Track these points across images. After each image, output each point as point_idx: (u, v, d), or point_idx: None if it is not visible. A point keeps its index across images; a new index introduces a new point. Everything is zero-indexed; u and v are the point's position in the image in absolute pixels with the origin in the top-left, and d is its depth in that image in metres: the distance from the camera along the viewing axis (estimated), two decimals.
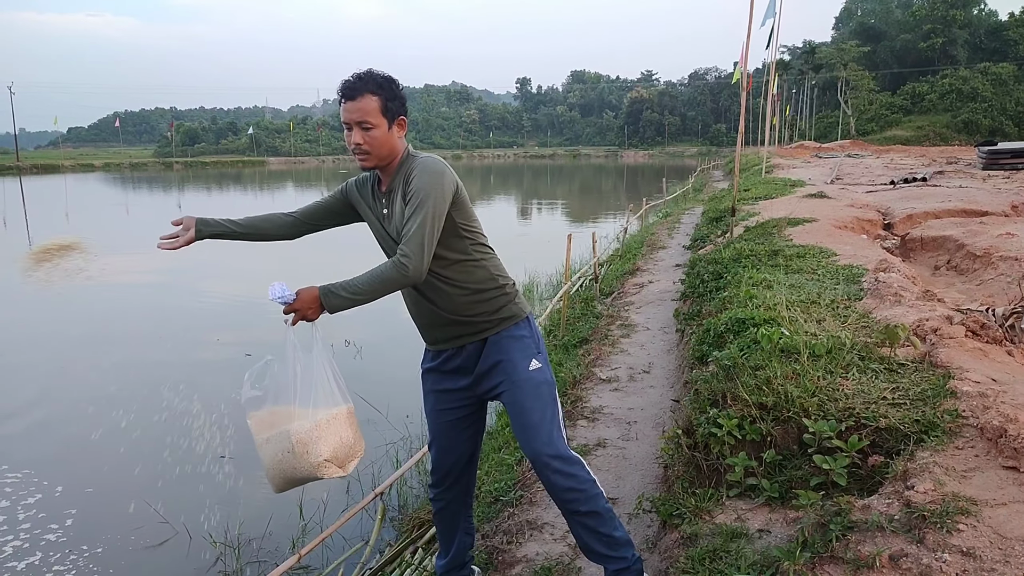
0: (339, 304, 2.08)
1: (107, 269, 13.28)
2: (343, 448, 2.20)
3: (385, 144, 2.18)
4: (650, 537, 2.99)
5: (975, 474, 2.20)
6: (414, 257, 2.06)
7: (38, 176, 53.96)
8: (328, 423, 2.18)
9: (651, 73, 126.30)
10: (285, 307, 2.08)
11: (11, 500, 4.55)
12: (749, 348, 3.61)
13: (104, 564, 3.84)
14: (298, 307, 2.08)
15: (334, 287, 2.09)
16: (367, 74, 2.16)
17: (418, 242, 2.07)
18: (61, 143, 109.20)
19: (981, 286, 6.51)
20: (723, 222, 10.57)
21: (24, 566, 3.84)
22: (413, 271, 2.07)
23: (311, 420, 2.16)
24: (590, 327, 6.88)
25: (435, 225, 2.11)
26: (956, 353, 3.21)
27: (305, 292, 2.09)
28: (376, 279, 2.08)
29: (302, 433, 2.15)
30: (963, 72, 65.97)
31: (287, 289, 2.07)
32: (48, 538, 4.10)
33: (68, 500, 4.55)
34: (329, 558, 3.57)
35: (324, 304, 2.08)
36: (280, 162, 79.05)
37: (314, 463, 2.15)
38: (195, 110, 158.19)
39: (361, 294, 2.08)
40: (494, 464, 3.96)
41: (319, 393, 2.18)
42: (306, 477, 2.20)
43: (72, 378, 7.06)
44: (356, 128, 2.15)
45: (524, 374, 2.30)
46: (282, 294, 2.06)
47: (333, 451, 2.17)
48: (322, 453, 2.15)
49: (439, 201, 2.12)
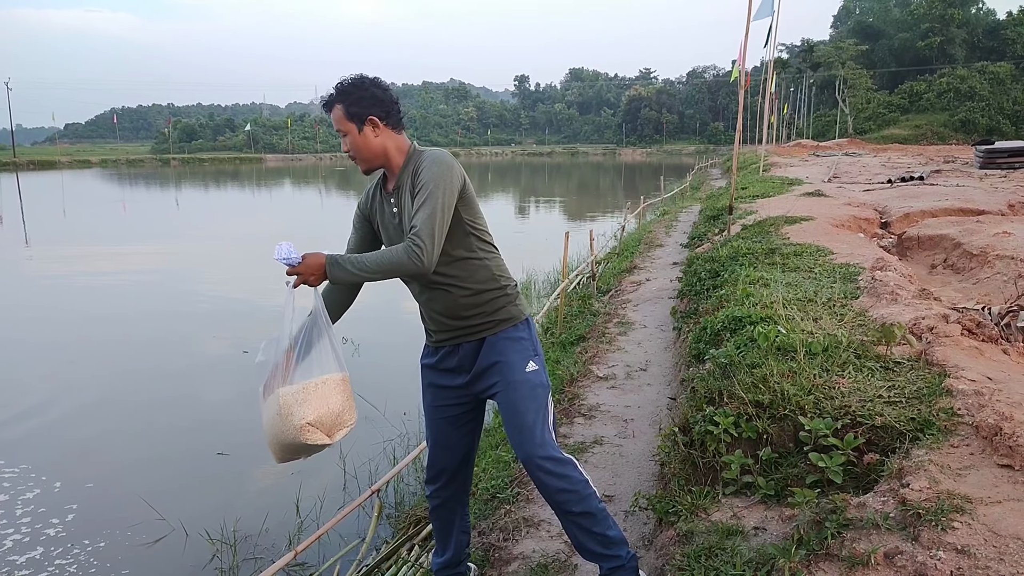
0: (342, 276, 2.10)
1: (102, 265, 13.28)
2: (329, 415, 2.15)
3: (364, 147, 2.21)
4: (646, 535, 2.99)
5: (970, 472, 2.21)
6: (425, 246, 2.07)
7: (35, 172, 53.82)
8: (316, 387, 2.14)
9: (649, 71, 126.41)
10: (289, 269, 2.08)
11: (10, 495, 4.56)
12: (746, 346, 3.61)
13: (101, 561, 3.83)
14: (302, 271, 2.09)
15: (341, 258, 2.10)
16: (337, 84, 2.21)
17: (428, 233, 2.08)
18: (58, 139, 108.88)
19: (977, 285, 6.53)
20: (720, 220, 10.58)
21: (24, 560, 3.84)
22: (426, 259, 2.07)
23: (300, 383, 2.14)
24: (587, 325, 6.88)
25: (445, 216, 2.12)
26: (952, 352, 3.21)
27: (311, 257, 2.10)
28: (385, 260, 2.09)
29: (288, 395, 2.13)
30: (961, 71, 66.03)
31: (294, 251, 2.07)
32: (48, 533, 4.11)
33: (65, 497, 4.54)
34: (325, 555, 3.57)
35: (328, 273, 2.09)
36: (277, 159, 78.88)
37: (297, 425, 2.11)
38: (192, 107, 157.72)
39: (367, 271, 2.10)
40: (491, 461, 3.97)
41: (312, 357, 2.17)
42: (292, 443, 2.16)
43: (68, 374, 7.05)
44: (341, 136, 2.22)
45: (520, 375, 2.29)
46: (288, 255, 2.06)
47: (318, 415, 2.12)
48: (305, 416, 2.11)
49: (448, 193, 2.13)
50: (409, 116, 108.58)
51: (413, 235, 2.08)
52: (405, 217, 2.22)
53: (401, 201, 2.24)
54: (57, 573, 3.74)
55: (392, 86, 2.31)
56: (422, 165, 2.16)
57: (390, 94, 2.25)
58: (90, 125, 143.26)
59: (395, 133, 2.25)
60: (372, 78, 2.24)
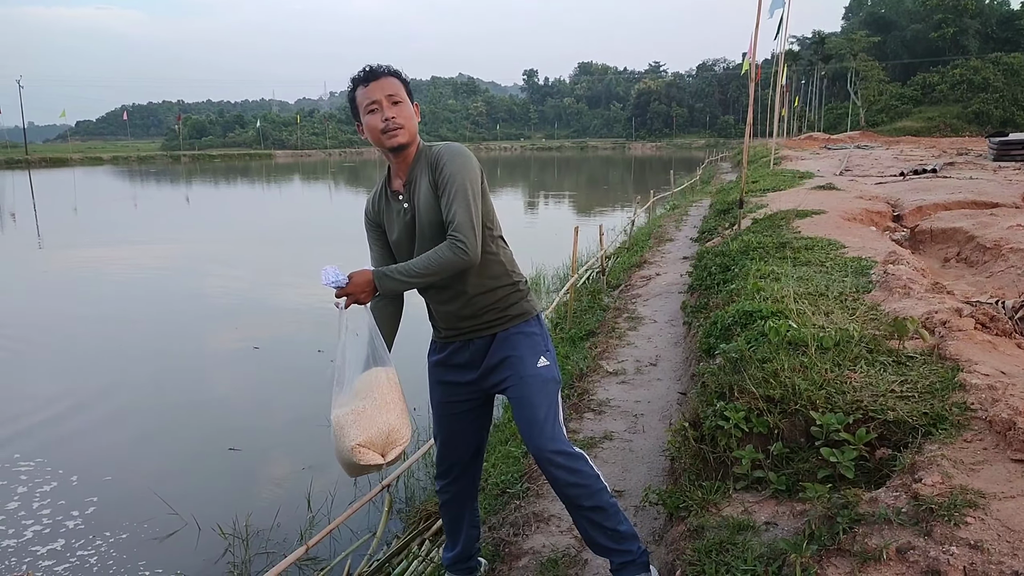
0: (393, 286, 2.11)
1: (114, 262, 13.37)
2: (380, 435, 2.16)
3: (413, 120, 2.21)
4: (657, 529, 2.99)
5: (983, 467, 2.19)
6: (469, 240, 2.08)
7: (47, 169, 54.21)
8: (366, 408, 2.15)
9: (658, 64, 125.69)
10: (338, 291, 2.09)
11: (28, 487, 4.64)
12: (756, 341, 3.59)
13: (119, 553, 3.88)
14: (351, 290, 2.09)
15: (388, 270, 2.11)
16: (385, 66, 2.20)
17: (468, 225, 2.08)
18: (69, 136, 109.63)
19: (991, 278, 6.47)
20: (731, 214, 10.54)
21: (46, 551, 3.91)
22: (472, 251, 2.08)
23: (350, 404, 2.15)
24: (597, 320, 6.88)
25: (478, 206, 2.13)
26: (965, 346, 3.19)
27: (358, 275, 2.10)
28: (433, 262, 2.09)
29: (339, 416, 2.14)
30: (974, 62, 65.31)
31: (340, 273, 2.08)
32: (67, 525, 4.18)
33: (81, 490, 4.60)
34: (337, 550, 3.59)
35: (378, 286, 2.10)
36: (287, 155, 79.07)
37: (348, 447, 2.12)
38: (202, 103, 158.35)
39: (417, 277, 2.10)
40: (501, 456, 3.97)
41: (363, 377, 2.18)
42: (348, 462, 2.17)
43: (80, 370, 7.11)
44: (386, 102, 2.13)
45: (532, 370, 2.29)
46: (336, 278, 2.06)
47: (367, 436, 2.13)
48: (355, 438, 2.12)
49: (475, 183, 2.15)
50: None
51: (454, 230, 2.08)
52: (419, 211, 2.20)
53: (413, 196, 2.22)
54: (78, 564, 3.80)
55: None
56: (443, 159, 2.15)
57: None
58: (101, 122, 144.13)
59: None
60: None
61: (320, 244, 15.29)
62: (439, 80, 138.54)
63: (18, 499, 4.48)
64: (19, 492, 4.57)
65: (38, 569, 3.72)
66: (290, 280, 10.99)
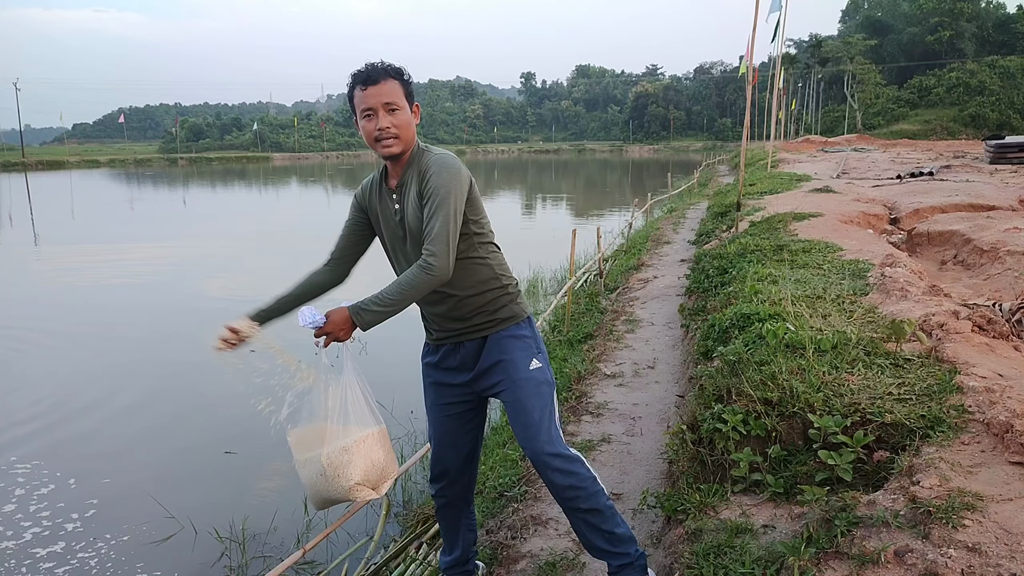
0: (371, 319, 2.07)
1: (110, 265, 13.35)
2: (374, 470, 2.20)
3: (410, 128, 2.18)
4: (654, 532, 2.99)
5: (981, 469, 2.19)
6: (440, 256, 2.06)
7: (43, 172, 54.12)
8: (358, 446, 2.17)
9: (656, 67, 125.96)
10: (316, 331, 2.09)
11: (25, 489, 4.64)
12: (754, 343, 3.59)
13: (116, 556, 3.87)
14: (329, 329, 2.08)
15: (363, 303, 2.08)
16: (383, 63, 2.16)
17: (443, 241, 2.07)
18: (66, 139, 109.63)
19: (988, 281, 6.48)
20: (728, 217, 10.55)
21: (45, 553, 3.90)
22: (440, 270, 2.07)
23: (340, 443, 2.16)
24: (595, 323, 6.87)
25: (457, 223, 2.11)
26: (962, 348, 3.19)
27: (335, 313, 2.08)
28: (405, 286, 2.07)
29: (332, 456, 2.15)
30: (970, 65, 65.53)
31: (317, 313, 2.09)
32: (66, 528, 4.15)
33: (77, 493, 4.58)
34: (334, 553, 3.58)
35: (356, 322, 2.08)
36: (284, 158, 79.04)
37: (345, 487, 2.15)
38: (199, 106, 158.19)
39: (392, 304, 2.08)
40: (498, 460, 3.96)
41: (349, 416, 2.19)
42: (340, 499, 2.20)
43: (75, 372, 7.09)
44: (382, 111, 2.12)
45: (525, 373, 2.29)
46: (313, 319, 2.07)
47: (364, 474, 2.17)
48: (352, 477, 2.14)
49: (459, 198, 2.12)
50: None
51: (427, 246, 2.07)
52: (407, 215, 2.21)
53: (403, 199, 2.22)
54: (76, 567, 3.79)
55: None
56: (430, 170, 2.14)
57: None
58: (98, 125, 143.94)
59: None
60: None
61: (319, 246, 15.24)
62: (436, 82, 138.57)
63: (16, 501, 4.47)
64: (17, 494, 4.56)
65: (36, 572, 3.70)
66: (288, 282, 10.95)
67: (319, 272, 2.40)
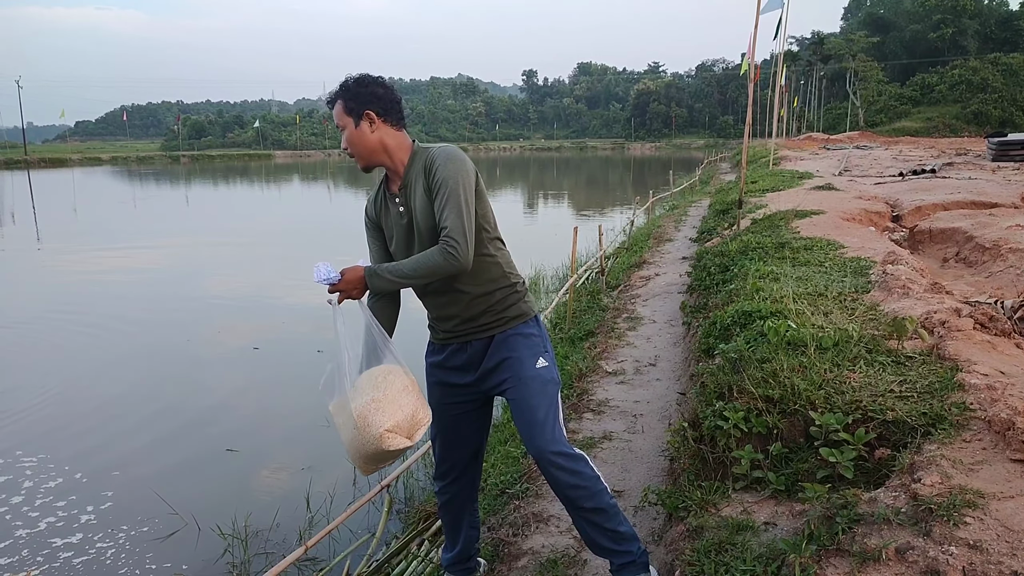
0: (383, 285, 2.13)
1: (112, 262, 13.37)
2: (405, 417, 2.16)
3: (359, 141, 2.20)
4: (656, 530, 2.99)
5: (983, 467, 2.19)
6: (461, 245, 2.08)
7: (46, 170, 54.18)
8: (386, 394, 2.15)
9: (658, 65, 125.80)
10: (330, 287, 2.11)
11: (33, 482, 4.71)
12: (756, 341, 3.59)
13: (114, 553, 3.88)
14: (343, 287, 2.12)
15: (380, 268, 2.13)
16: (341, 82, 2.23)
17: (460, 229, 2.08)
18: (68, 137, 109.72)
19: (990, 278, 6.47)
20: (730, 214, 10.54)
21: (63, 543, 3.95)
22: (463, 257, 2.08)
23: (368, 394, 2.15)
24: (596, 320, 6.88)
25: (471, 211, 2.13)
26: (964, 346, 3.19)
27: (350, 272, 2.13)
28: (422, 264, 2.10)
29: (360, 407, 2.13)
30: (973, 62, 65.38)
31: (332, 269, 2.10)
32: (71, 523, 4.19)
33: (81, 488, 4.62)
34: (336, 550, 3.59)
35: (368, 284, 2.13)
36: (286, 155, 79.06)
37: (376, 434, 2.10)
38: (201, 103, 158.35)
39: (407, 278, 2.12)
40: (500, 457, 3.97)
41: (374, 366, 2.19)
42: (376, 452, 2.15)
43: (77, 369, 7.11)
44: (342, 132, 2.23)
45: (531, 371, 2.29)
46: (328, 275, 2.09)
47: (395, 421, 2.13)
48: (383, 423, 2.11)
49: (468, 188, 2.14)
50: (417, 112, 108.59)
51: (446, 235, 2.08)
52: (416, 214, 2.20)
53: (408, 200, 2.22)
54: (81, 562, 3.83)
55: (400, 82, 2.33)
56: (436, 163, 2.14)
57: (392, 93, 2.24)
58: (100, 123, 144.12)
59: (394, 130, 2.23)
60: (375, 77, 2.24)
61: (319, 244, 15.29)
62: (438, 80, 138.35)
63: (24, 493, 4.56)
64: (25, 487, 4.65)
65: (42, 565, 3.72)
66: (290, 281, 10.97)
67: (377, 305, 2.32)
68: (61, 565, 3.78)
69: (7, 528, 4.14)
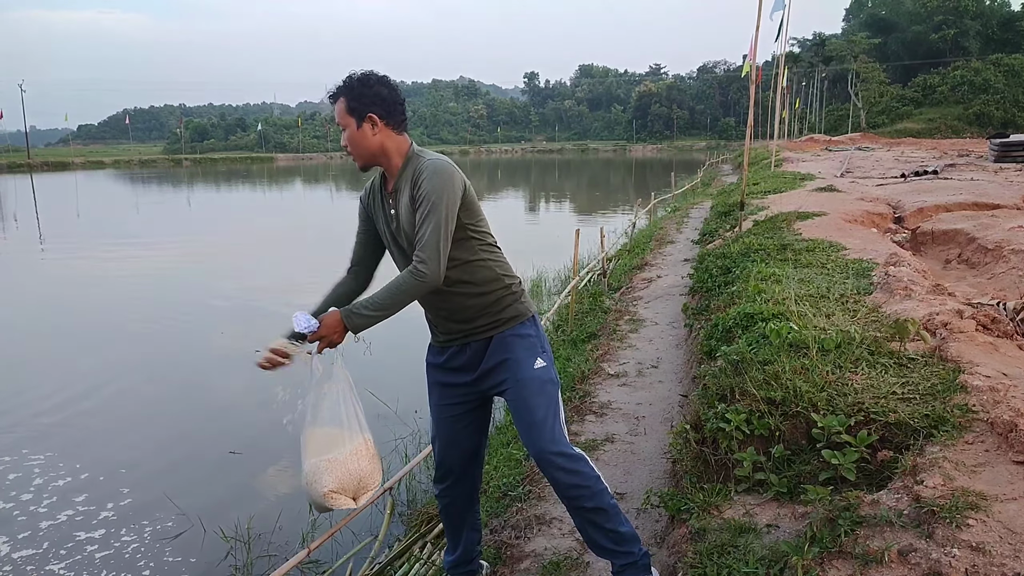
0: (362, 323, 2.12)
1: (116, 265, 13.39)
2: (352, 480, 2.24)
3: (360, 143, 2.20)
4: (658, 532, 2.99)
5: (985, 469, 2.19)
6: (430, 263, 2.08)
7: (49, 173, 54.27)
8: (337, 457, 2.23)
9: (659, 67, 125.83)
10: (310, 335, 2.12)
11: (43, 479, 4.75)
12: (758, 343, 3.59)
13: (120, 553, 3.90)
14: (323, 334, 2.12)
15: (355, 307, 2.12)
16: (345, 78, 2.21)
17: (433, 247, 2.08)
18: (71, 140, 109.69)
19: (992, 280, 6.46)
20: (732, 216, 10.53)
21: (76, 541, 3.98)
22: (431, 276, 2.09)
23: (322, 455, 2.22)
24: (598, 322, 6.87)
25: (448, 228, 2.12)
26: (966, 347, 3.19)
27: (327, 318, 2.13)
28: (395, 291, 2.10)
29: (312, 465, 2.22)
30: (975, 64, 65.31)
31: (310, 319, 2.12)
32: (77, 520, 4.23)
33: (89, 486, 4.66)
34: (338, 553, 3.59)
35: (347, 325, 2.11)
36: (288, 158, 79.16)
37: (320, 493, 2.21)
38: (204, 107, 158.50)
39: (383, 309, 2.11)
40: (502, 459, 3.97)
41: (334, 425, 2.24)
42: (319, 504, 2.27)
43: (81, 372, 7.11)
44: (341, 131, 2.23)
45: (530, 372, 2.29)
46: (306, 324, 2.11)
47: (339, 483, 2.22)
48: (327, 485, 2.20)
49: (451, 204, 2.12)
50: (419, 114, 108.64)
51: (417, 252, 2.10)
52: (402, 221, 2.22)
53: (398, 204, 2.23)
54: (97, 561, 3.85)
55: (402, 84, 2.31)
56: (422, 175, 2.14)
57: (396, 94, 2.22)
58: (103, 126, 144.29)
59: (395, 134, 2.23)
60: (380, 76, 2.21)
61: (320, 245, 15.30)
62: (440, 83, 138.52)
63: (33, 490, 4.61)
64: (35, 484, 4.70)
65: (41, 568, 3.72)
66: (291, 282, 10.98)
67: (343, 282, 2.42)
68: (65, 563, 3.79)
69: (30, 520, 4.24)
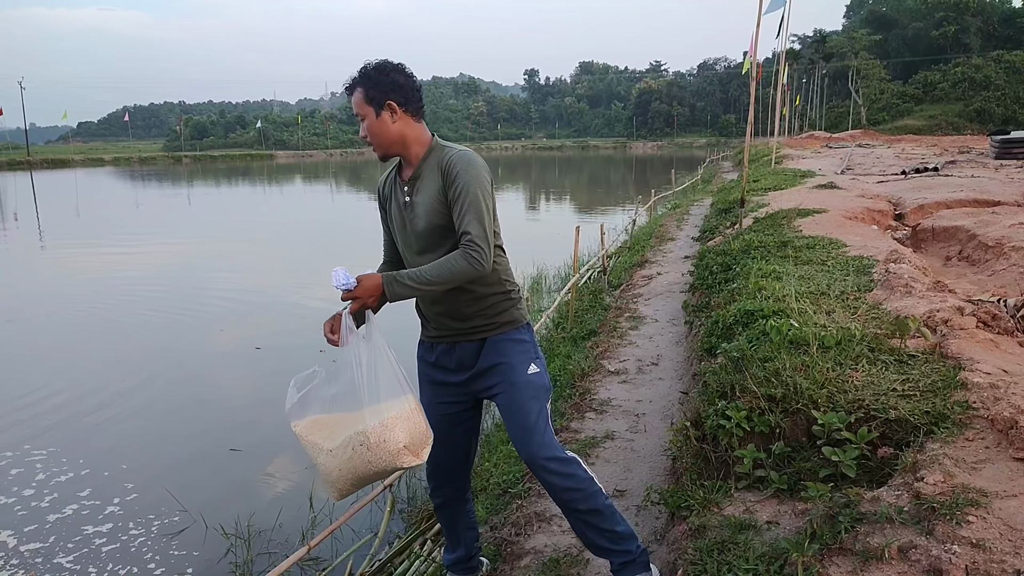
0: (402, 293, 2.07)
1: (116, 262, 13.39)
2: (417, 434, 2.11)
3: (380, 132, 2.17)
4: (658, 529, 2.99)
5: (985, 466, 2.19)
6: (484, 250, 2.07)
7: (48, 171, 54.26)
8: (400, 412, 2.09)
9: (660, 63, 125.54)
10: (345, 293, 2.06)
11: (44, 475, 4.77)
12: (758, 340, 3.59)
13: (123, 548, 3.91)
14: (359, 294, 2.06)
15: (400, 275, 2.07)
16: (361, 68, 2.18)
17: (483, 236, 2.08)
18: (71, 138, 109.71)
19: (993, 277, 6.46)
20: (732, 213, 10.52)
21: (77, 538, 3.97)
22: (485, 264, 2.08)
23: (382, 413, 2.07)
24: (598, 319, 6.87)
25: (491, 217, 2.14)
26: (967, 344, 3.18)
27: (367, 279, 2.07)
28: (445, 270, 2.07)
29: (376, 425, 2.05)
30: (976, 60, 65.24)
31: (349, 276, 2.06)
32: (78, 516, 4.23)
33: (91, 482, 4.67)
34: (338, 550, 3.59)
35: (387, 292, 2.06)
36: (288, 155, 79.06)
37: (393, 451, 2.04)
38: (203, 104, 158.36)
39: (428, 284, 2.07)
40: (502, 456, 3.97)
41: (383, 384, 2.09)
42: (382, 470, 2.10)
43: (84, 367, 7.12)
44: (360, 120, 2.19)
45: (523, 377, 2.29)
46: (345, 280, 2.05)
47: (410, 438, 2.08)
48: (401, 440, 2.05)
49: (487, 194, 2.15)
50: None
51: (469, 240, 2.07)
52: (418, 209, 2.20)
53: (416, 193, 2.22)
54: (104, 555, 3.88)
55: None
56: (456, 167, 2.13)
57: (413, 81, 2.20)
58: (103, 123, 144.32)
59: (414, 121, 2.21)
60: (396, 64, 2.19)
61: (321, 244, 15.30)
62: (440, 80, 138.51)
63: (35, 485, 4.63)
64: (38, 479, 4.72)
65: (49, 562, 3.73)
66: (292, 280, 10.98)
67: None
68: (67, 559, 3.80)
69: (36, 514, 4.27)
